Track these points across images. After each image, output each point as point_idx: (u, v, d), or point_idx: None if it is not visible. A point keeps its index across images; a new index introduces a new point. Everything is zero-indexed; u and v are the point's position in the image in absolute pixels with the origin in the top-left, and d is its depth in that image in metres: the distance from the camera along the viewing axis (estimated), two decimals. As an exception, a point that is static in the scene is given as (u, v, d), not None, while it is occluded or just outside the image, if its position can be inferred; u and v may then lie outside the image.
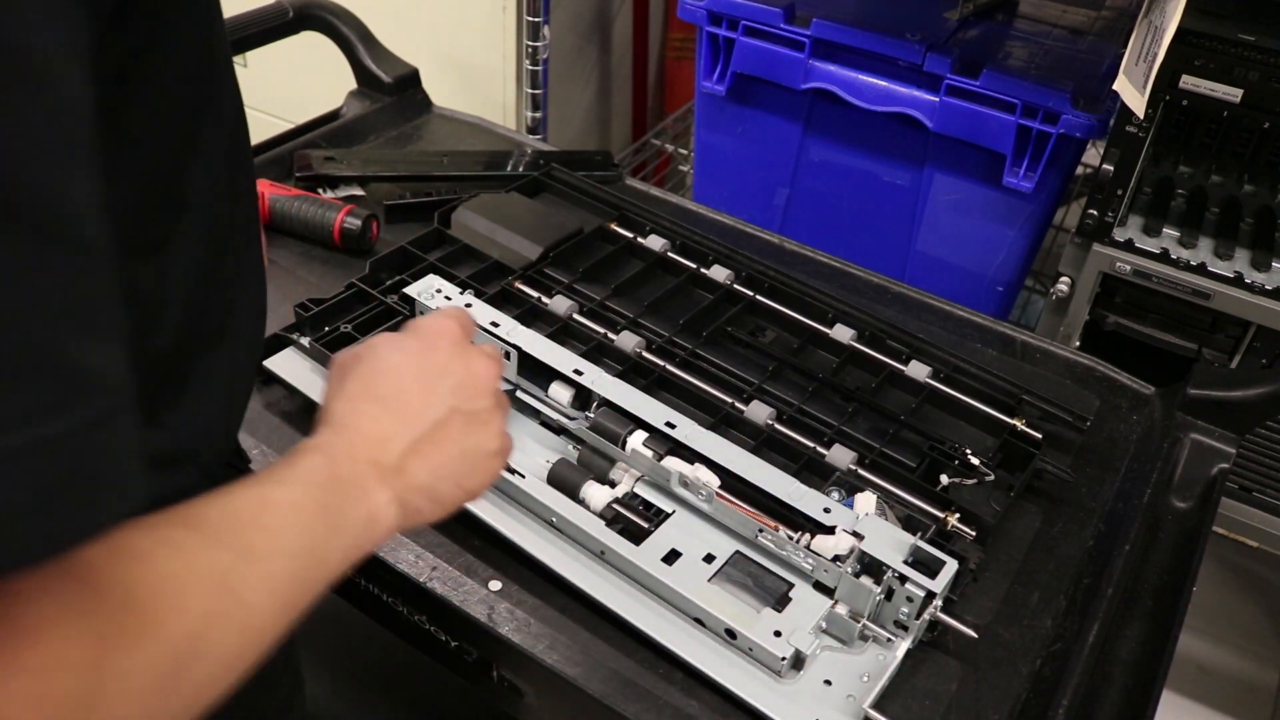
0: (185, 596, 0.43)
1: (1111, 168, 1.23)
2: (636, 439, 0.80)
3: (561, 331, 0.94)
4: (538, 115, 1.68)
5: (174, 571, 0.43)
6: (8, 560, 0.33)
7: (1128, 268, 1.26)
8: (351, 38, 1.30)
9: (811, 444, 0.84)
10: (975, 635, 0.71)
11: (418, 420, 0.59)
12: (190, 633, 0.42)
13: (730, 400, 0.88)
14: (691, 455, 0.79)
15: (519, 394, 0.87)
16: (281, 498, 0.52)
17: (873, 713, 0.67)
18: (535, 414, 0.87)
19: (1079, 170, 1.54)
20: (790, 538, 0.74)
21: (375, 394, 0.60)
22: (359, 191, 1.14)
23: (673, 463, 0.78)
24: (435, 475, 0.59)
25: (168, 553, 0.44)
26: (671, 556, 0.74)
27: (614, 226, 1.08)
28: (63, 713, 0.36)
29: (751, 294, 1.01)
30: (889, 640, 0.72)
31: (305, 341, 0.88)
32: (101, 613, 0.38)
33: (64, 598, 0.37)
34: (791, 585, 0.74)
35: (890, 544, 0.72)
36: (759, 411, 0.86)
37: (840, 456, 0.83)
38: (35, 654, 0.35)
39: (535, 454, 0.84)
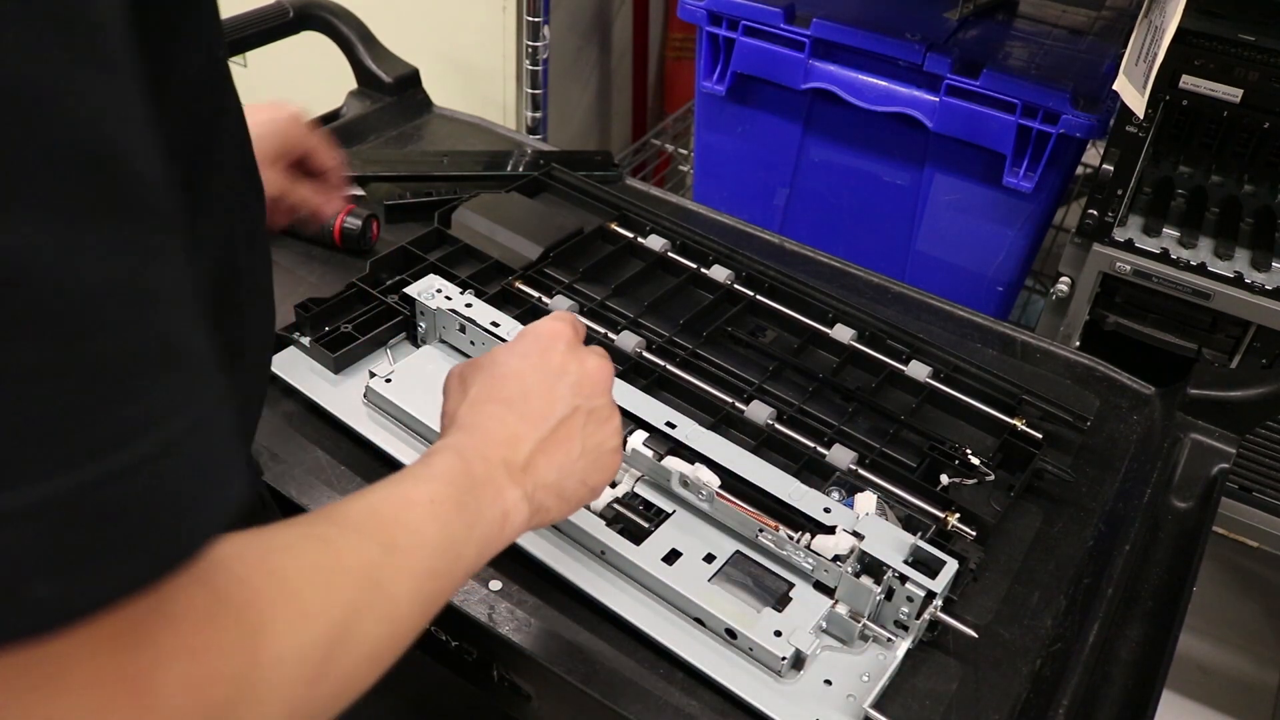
0: (334, 588, 0.44)
1: (1111, 168, 1.23)
2: (637, 439, 0.80)
3: (561, 331, 0.93)
4: (538, 115, 1.68)
5: (323, 563, 0.44)
6: (173, 552, 0.33)
7: (1128, 268, 1.26)
8: (351, 38, 1.30)
9: (811, 444, 0.84)
10: (975, 635, 0.71)
11: (542, 420, 0.61)
12: (340, 622, 0.43)
13: (730, 400, 0.88)
14: (692, 455, 0.79)
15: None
16: (421, 495, 0.53)
17: (873, 712, 0.67)
18: (535, 414, 0.87)
19: (1079, 170, 1.54)
20: (790, 538, 0.74)
21: (499, 397, 0.62)
22: (359, 191, 1.14)
23: (673, 463, 0.78)
24: (562, 473, 0.61)
25: (316, 546, 0.45)
26: (671, 556, 0.74)
27: (614, 226, 1.08)
28: (220, 695, 0.36)
29: (751, 294, 1.01)
30: (889, 640, 0.72)
31: (305, 341, 0.88)
32: (256, 602, 0.39)
33: (216, 585, 0.37)
34: (791, 585, 0.74)
35: (890, 544, 0.72)
36: (759, 411, 0.86)
37: (840, 456, 0.83)
38: (192, 638, 0.35)
39: (535, 454, 0.84)
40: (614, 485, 0.80)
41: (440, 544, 0.52)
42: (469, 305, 0.89)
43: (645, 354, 0.92)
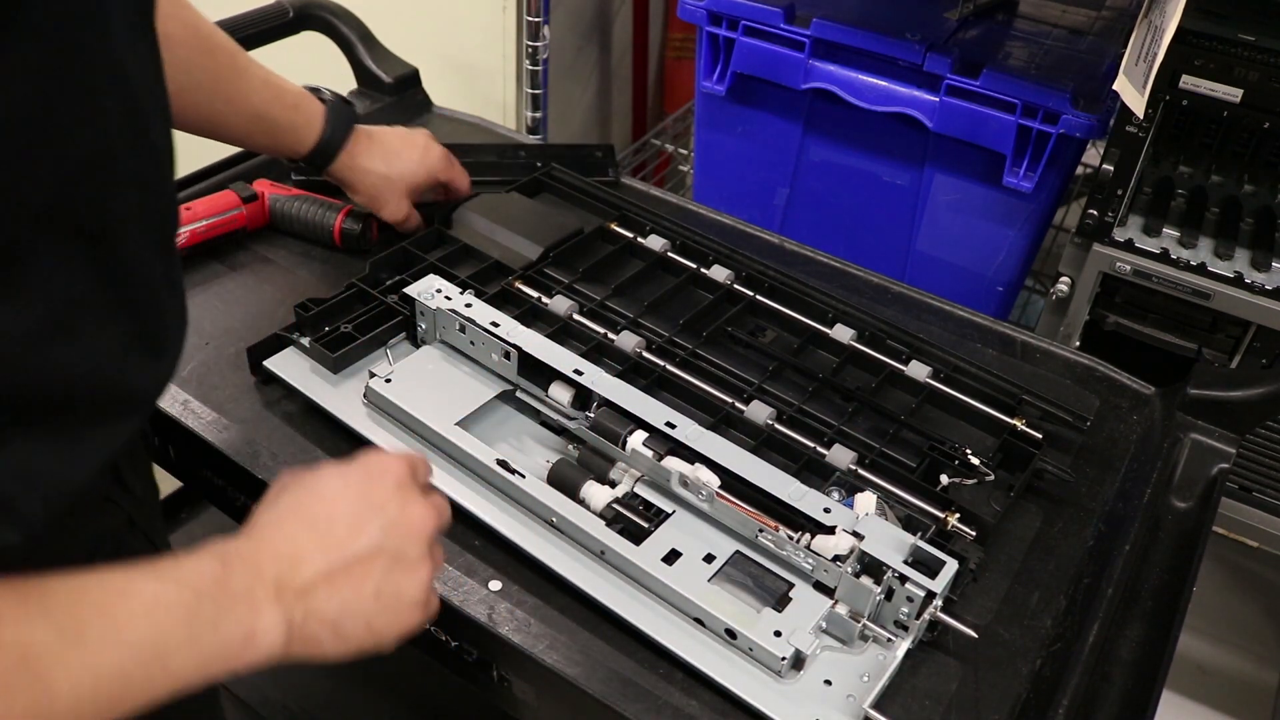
0: None
1: (1111, 168, 1.23)
2: (636, 439, 0.80)
3: (561, 331, 0.94)
4: (538, 115, 1.68)
5: None
6: None
7: (1128, 268, 1.26)
8: (351, 38, 1.30)
9: (811, 444, 0.84)
10: (975, 635, 0.71)
11: (338, 549, 0.58)
12: None
13: (730, 400, 0.88)
14: (691, 455, 0.79)
15: (519, 394, 0.87)
16: (145, 591, 0.49)
17: (873, 713, 0.67)
18: (535, 414, 0.87)
19: (1079, 170, 1.54)
20: (790, 538, 0.74)
21: (303, 514, 0.59)
22: None
23: (673, 463, 0.78)
24: (343, 610, 0.57)
25: None
26: (671, 556, 0.74)
27: (614, 226, 1.08)
28: None
29: (751, 294, 1.01)
30: (889, 640, 0.72)
31: (305, 341, 0.88)
32: None
33: None
34: (791, 585, 0.74)
35: (890, 544, 0.72)
36: (759, 411, 0.86)
37: (840, 456, 0.83)
38: None
39: (535, 454, 0.84)
40: (614, 485, 0.80)
41: (144, 647, 0.48)
42: (469, 305, 0.89)
43: (645, 354, 0.92)
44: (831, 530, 0.73)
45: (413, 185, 1.04)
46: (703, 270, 1.03)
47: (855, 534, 0.73)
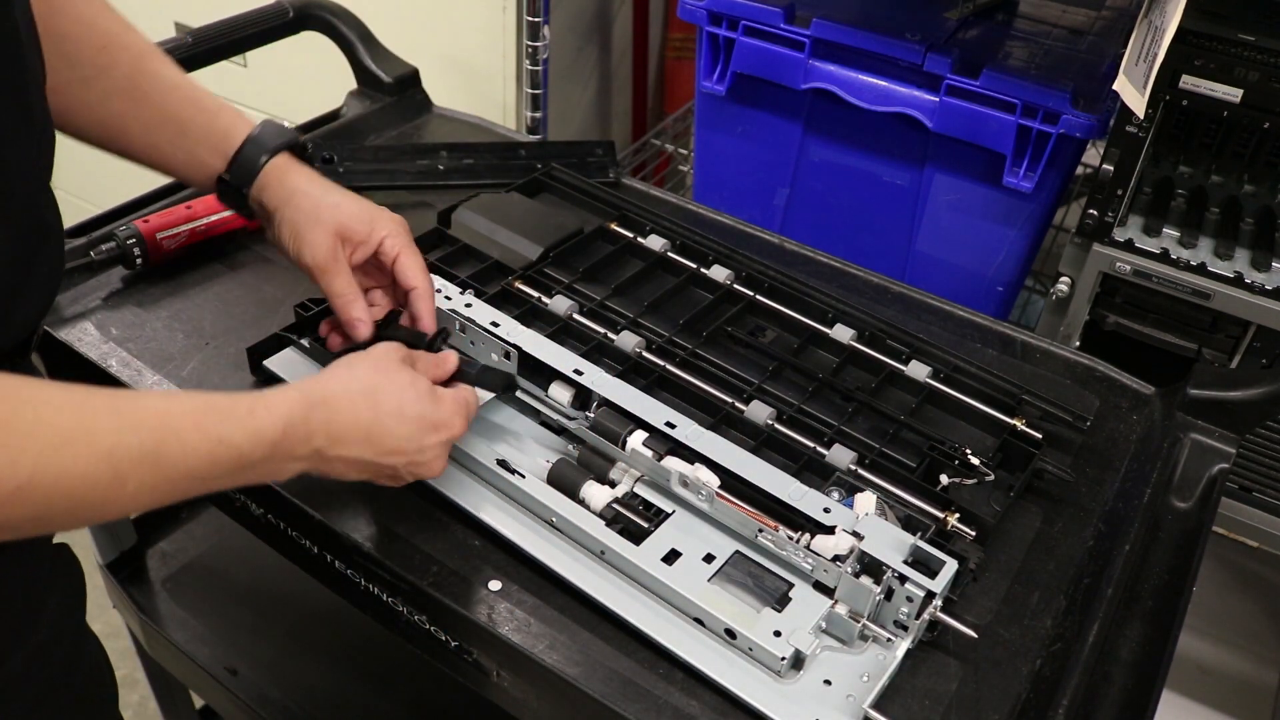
0: (64, 443, 0.53)
1: (1111, 168, 1.23)
2: (636, 439, 0.80)
3: (561, 331, 0.94)
4: (538, 115, 1.68)
5: (65, 426, 0.53)
6: None
7: (1128, 268, 1.26)
8: (351, 38, 1.30)
9: (811, 444, 0.84)
10: (975, 635, 0.71)
11: (373, 453, 0.70)
12: (52, 474, 0.52)
13: (730, 400, 0.88)
14: (691, 455, 0.79)
15: (519, 394, 0.87)
16: (215, 434, 0.61)
17: (873, 713, 0.67)
18: (535, 414, 0.87)
19: (1079, 170, 1.54)
20: (790, 538, 0.74)
21: (373, 408, 0.70)
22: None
23: (673, 463, 0.78)
24: (343, 473, 0.71)
25: (70, 412, 0.54)
26: (671, 556, 0.74)
27: (614, 226, 1.08)
28: None
29: (751, 294, 1.01)
30: (889, 640, 0.72)
31: (305, 342, 0.88)
32: None
33: None
34: (791, 585, 0.74)
35: (890, 544, 0.72)
36: (759, 411, 0.86)
37: (840, 456, 0.83)
38: None
39: (535, 454, 0.84)
40: (614, 485, 0.80)
41: (195, 479, 0.60)
42: (469, 305, 0.89)
43: (645, 354, 0.92)
44: (831, 530, 0.73)
45: (346, 226, 0.81)
46: (703, 270, 1.03)
47: (855, 534, 0.73)
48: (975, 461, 0.84)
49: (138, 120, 0.80)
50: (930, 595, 0.70)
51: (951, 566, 0.71)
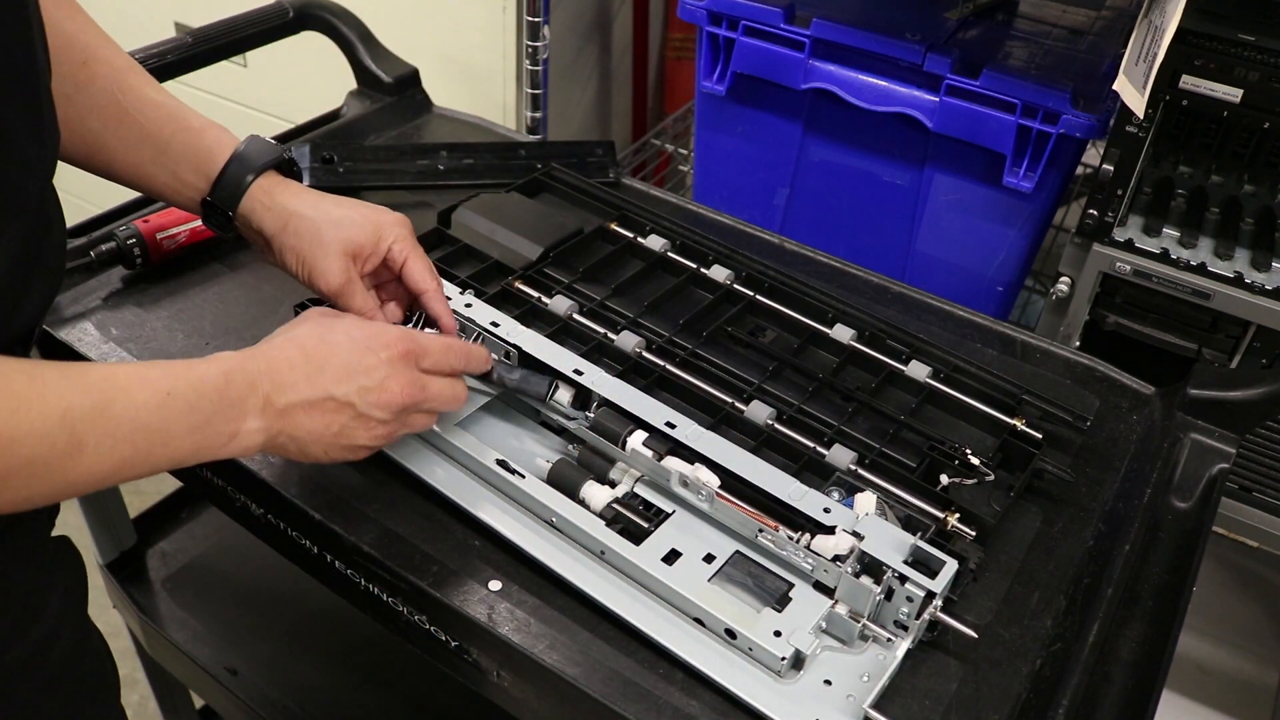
0: (20, 404, 0.54)
1: (1111, 168, 1.23)
2: (636, 439, 0.80)
3: (561, 331, 0.94)
4: (538, 115, 1.68)
5: (20, 391, 0.54)
6: None
7: (1128, 268, 1.26)
8: (351, 38, 1.30)
9: (811, 444, 0.84)
10: (975, 635, 0.71)
11: (321, 389, 0.69)
12: (7, 434, 0.53)
13: (730, 400, 0.88)
14: (691, 455, 0.79)
15: (519, 395, 0.87)
16: (161, 384, 0.62)
17: (873, 712, 0.67)
18: (535, 414, 0.87)
19: (1079, 170, 1.54)
20: (790, 538, 0.74)
21: (307, 349, 0.70)
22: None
23: (673, 463, 0.78)
24: (309, 435, 0.69)
25: (23, 378, 0.55)
26: (671, 556, 0.74)
27: (614, 226, 1.08)
28: None
29: (751, 294, 1.01)
30: (889, 640, 0.72)
31: (305, 341, 0.88)
32: None
33: None
34: (791, 585, 0.74)
35: (890, 544, 0.72)
36: (759, 411, 0.86)
37: (840, 456, 0.83)
38: None
39: (535, 454, 0.84)
40: (614, 485, 0.80)
41: (153, 429, 0.61)
42: (469, 305, 0.89)
43: (645, 354, 0.92)
44: (831, 530, 0.73)
45: (354, 243, 0.79)
46: (703, 270, 1.03)
47: (855, 534, 0.73)
48: (975, 461, 0.84)
49: (118, 138, 0.78)
50: (930, 595, 0.70)
51: (951, 566, 0.72)
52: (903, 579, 0.70)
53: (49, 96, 0.63)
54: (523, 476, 0.78)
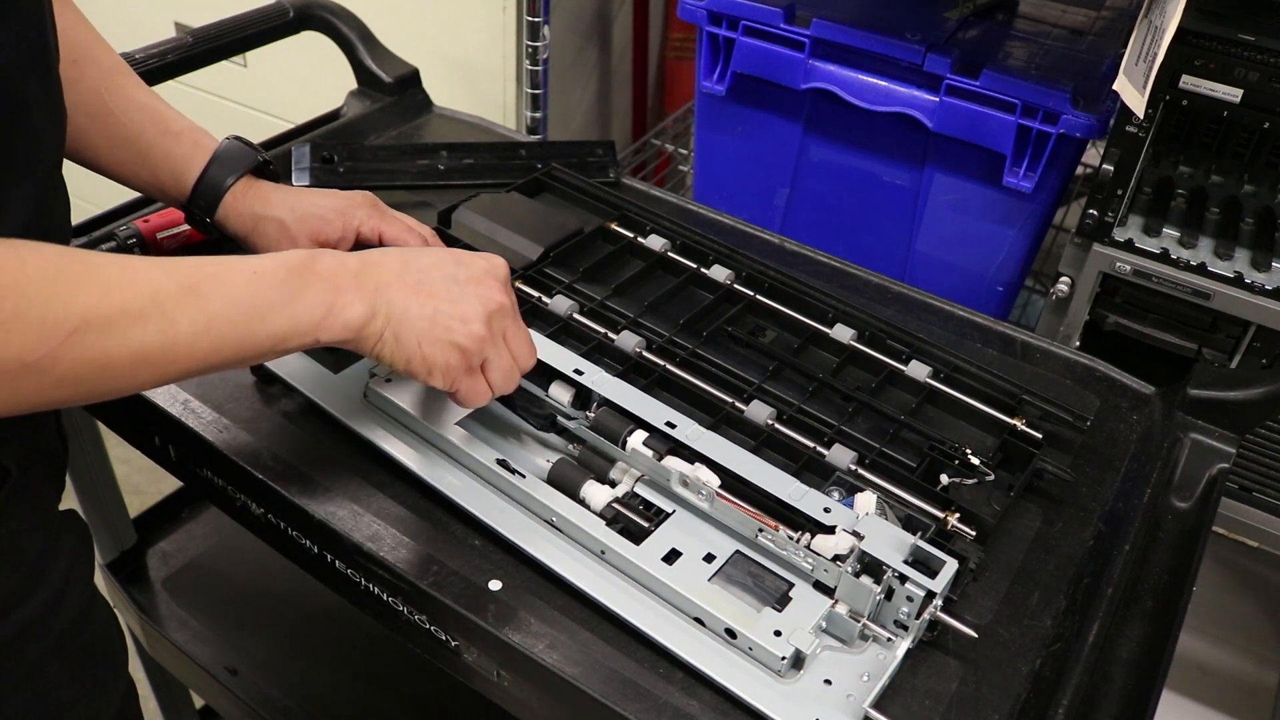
0: (111, 287, 0.55)
1: (1111, 168, 1.23)
2: (636, 439, 0.80)
3: (561, 331, 0.94)
4: (538, 115, 1.68)
5: (108, 276, 0.55)
6: None
7: (1128, 268, 1.26)
8: (351, 38, 1.30)
9: (811, 444, 0.84)
10: (975, 635, 0.71)
11: (414, 270, 0.69)
12: (104, 315, 0.54)
13: (730, 400, 0.88)
14: (692, 455, 0.79)
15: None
16: (247, 264, 0.62)
17: (873, 712, 0.67)
18: (535, 414, 0.87)
19: (1079, 170, 1.54)
20: (790, 538, 0.74)
21: (391, 253, 0.71)
22: None
23: (673, 462, 0.78)
24: (405, 316, 0.68)
25: (112, 265, 0.56)
26: (671, 556, 0.74)
27: (614, 226, 1.08)
28: None
29: (751, 294, 1.01)
30: (889, 640, 0.72)
31: (305, 341, 0.88)
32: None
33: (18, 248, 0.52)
34: (791, 585, 0.74)
35: (890, 544, 0.72)
36: (759, 411, 0.86)
37: (840, 456, 0.83)
38: None
39: (535, 454, 0.84)
40: (614, 485, 0.80)
41: (245, 304, 0.61)
42: (469, 305, 0.89)
43: (645, 354, 0.92)
44: (831, 530, 0.73)
45: (320, 234, 0.86)
46: (703, 270, 1.03)
47: (855, 534, 0.73)
48: (975, 461, 0.84)
49: (103, 138, 0.81)
50: (930, 595, 0.70)
51: (951, 566, 0.72)
52: (903, 579, 0.70)
53: (58, 78, 0.64)
54: (523, 476, 0.78)
